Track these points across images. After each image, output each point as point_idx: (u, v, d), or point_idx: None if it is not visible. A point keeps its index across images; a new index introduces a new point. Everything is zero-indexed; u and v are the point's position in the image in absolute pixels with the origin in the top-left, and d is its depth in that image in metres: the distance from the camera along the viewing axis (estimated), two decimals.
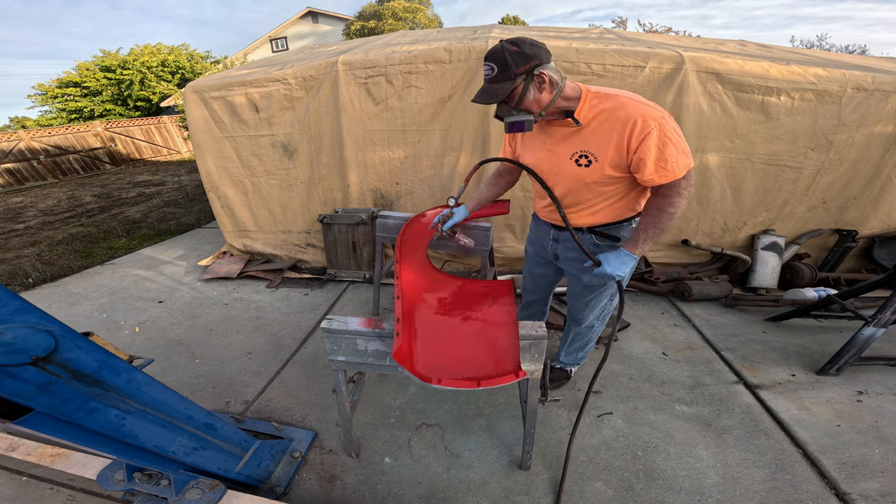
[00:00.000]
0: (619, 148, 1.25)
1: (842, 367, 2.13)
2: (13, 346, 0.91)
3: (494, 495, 1.61)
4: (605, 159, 1.29)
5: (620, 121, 1.22)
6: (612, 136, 1.25)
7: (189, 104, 3.16)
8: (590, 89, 1.30)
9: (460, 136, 2.89)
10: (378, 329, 1.39)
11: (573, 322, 1.90)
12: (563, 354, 2.09)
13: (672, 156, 1.21)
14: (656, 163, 1.22)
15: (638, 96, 1.27)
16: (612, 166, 1.29)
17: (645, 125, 1.19)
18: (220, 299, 3.22)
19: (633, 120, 1.20)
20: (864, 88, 2.47)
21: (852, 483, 1.59)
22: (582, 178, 1.36)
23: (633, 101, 1.24)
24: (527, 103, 1.25)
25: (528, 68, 1.20)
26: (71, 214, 6.45)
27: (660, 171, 1.23)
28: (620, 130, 1.23)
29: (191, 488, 1.38)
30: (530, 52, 1.19)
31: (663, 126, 1.19)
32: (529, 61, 1.19)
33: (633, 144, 1.22)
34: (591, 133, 1.29)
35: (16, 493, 1.65)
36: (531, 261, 1.92)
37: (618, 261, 1.40)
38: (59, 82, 14.26)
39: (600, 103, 1.27)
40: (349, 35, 19.07)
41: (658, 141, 1.19)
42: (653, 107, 1.23)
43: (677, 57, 2.49)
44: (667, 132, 1.20)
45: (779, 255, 2.94)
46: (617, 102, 1.24)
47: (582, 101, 1.28)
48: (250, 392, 2.19)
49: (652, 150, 1.20)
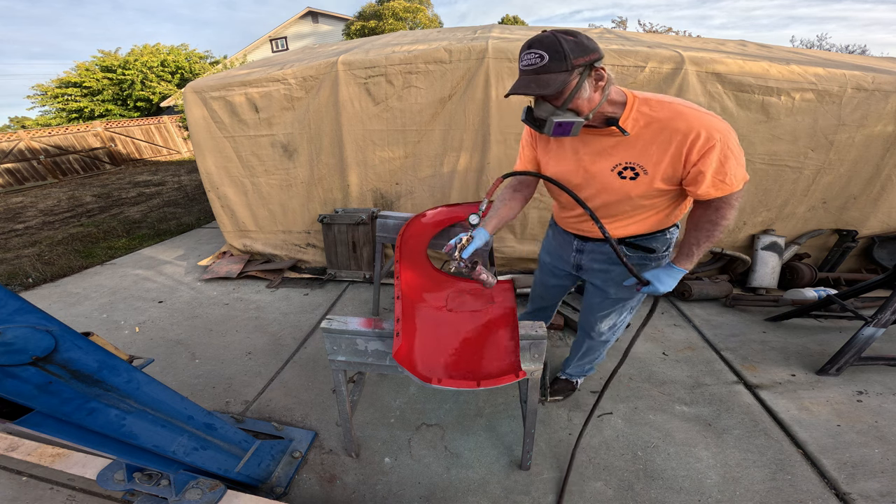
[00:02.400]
0: (674, 160, 1.14)
1: (842, 367, 2.13)
2: (13, 346, 0.91)
3: (494, 495, 1.61)
4: (657, 172, 1.18)
5: (680, 132, 1.11)
6: (667, 148, 1.14)
7: (189, 104, 3.16)
8: (637, 95, 1.17)
9: (460, 136, 2.89)
10: (378, 329, 1.39)
11: (586, 335, 1.81)
12: (571, 366, 2.01)
13: (732, 169, 1.12)
14: (714, 176, 1.13)
15: (695, 105, 1.16)
16: (664, 179, 1.19)
17: (709, 138, 1.09)
18: (220, 299, 3.22)
19: (696, 131, 1.09)
20: (865, 88, 2.47)
21: (852, 483, 1.59)
22: (626, 191, 1.24)
23: (693, 110, 1.13)
24: (578, 102, 1.09)
25: (589, 60, 1.04)
26: (71, 214, 6.45)
27: (717, 185, 1.15)
28: (680, 142, 1.11)
29: (191, 488, 1.38)
30: (590, 45, 1.04)
31: (727, 139, 1.10)
32: (590, 53, 1.04)
33: (692, 157, 1.12)
34: (641, 144, 1.17)
35: (16, 493, 1.65)
36: (546, 271, 1.81)
37: (669, 278, 1.31)
38: (58, 82, 14.26)
39: (651, 111, 1.15)
40: (349, 35, 19.07)
41: (721, 154, 1.10)
42: (716, 118, 1.13)
43: (677, 57, 2.49)
44: (730, 145, 1.11)
45: (779, 255, 2.94)
46: (673, 111, 1.12)
47: (628, 107, 1.16)
48: (250, 392, 2.19)
49: (713, 164, 1.11)
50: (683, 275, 1.33)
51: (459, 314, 1.55)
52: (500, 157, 2.87)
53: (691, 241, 1.29)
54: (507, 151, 2.85)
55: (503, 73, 2.64)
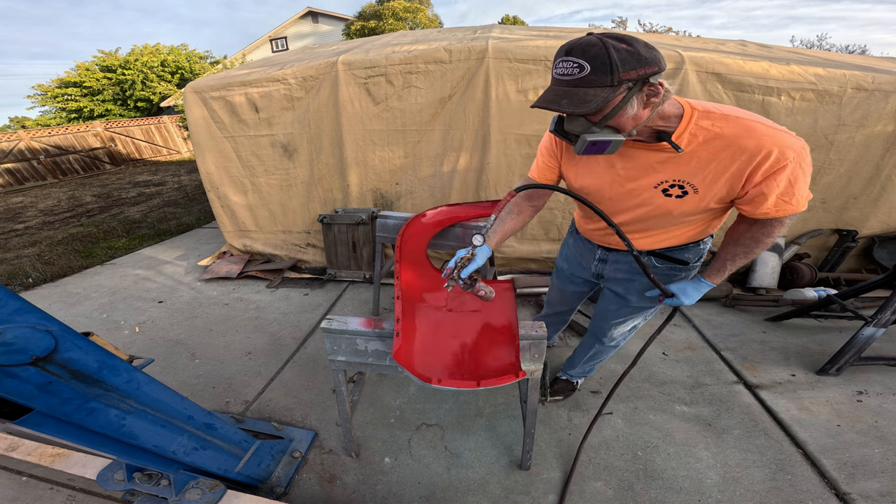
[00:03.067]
0: (734, 180, 1.02)
1: (842, 367, 2.13)
2: (13, 346, 0.91)
3: (494, 495, 1.61)
4: (710, 192, 1.06)
5: (748, 150, 0.97)
6: (728, 167, 1.01)
7: (189, 104, 3.16)
8: (696, 107, 1.02)
9: (460, 136, 2.89)
10: (378, 329, 1.39)
11: (596, 340, 1.76)
12: (575, 366, 1.99)
13: (800, 190, 1.01)
14: (780, 197, 1.01)
15: (766, 120, 1.01)
16: (716, 199, 1.07)
17: (782, 157, 0.96)
18: (220, 299, 3.22)
19: (767, 150, 0.96)
20: (865, 88, 2.47)
21: (852, 483, 1.59)
22: (668, 209, 1.14)
23: (765, 126, 0.98)
24: (621, 119, 0.95)
25: (642, 75, 0.88)
26: (71, 214, 6.45)
27: (780, 206, 1.03)
28: (745, 161, 0.98)
29: (191, 488, 1.38)
30: (648, 56, 0.88)
31: (801, 158, 0.98)
32: (646, 66, 0.87)
33: (757, 178, 1.00)
34: (696, 161, 1.04)
35: (16, 493, 1.65)
36: (564, 278, 1.75)
37: (696, 292, 1.25)
38: (59, 82, 14.26)
39: (713, 126, 1.00)
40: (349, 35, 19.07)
41: (791, 175, 0.98)
42: (791, 134, 0.99)
43: (677, 57, 2.49)
44: (803, 165, 0.99)
45: (779, 255, 2.94)
46: (742, 127, 0.98)
47: (685, 121, 1.01)
48: (250, 392, 2.19)
49: (781, 185, 0.99)
50: (708, 287, 1.26)
51: (459, 314, 1.55)
52: (500, 157, 2.87)
53: (726, 257, 1.19)
54: (507, 151, 2.85)
55: (503, 73, 2.64)
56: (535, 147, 2.81)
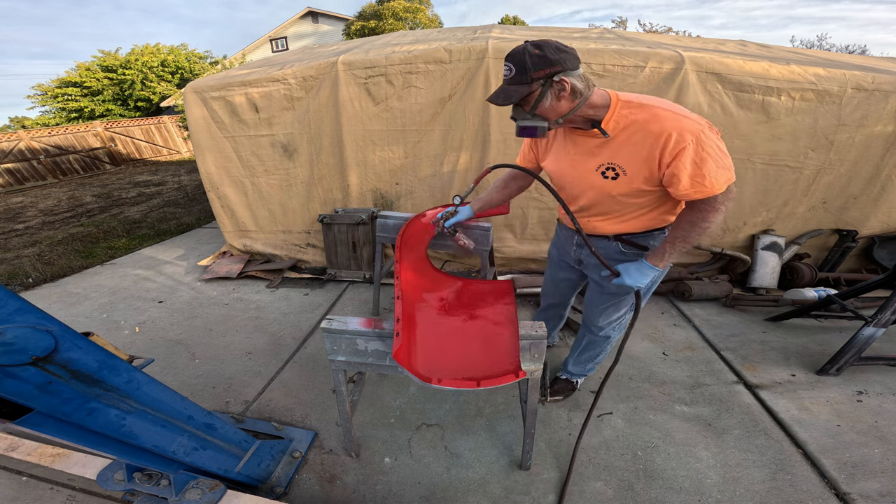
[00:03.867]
0: (650, 162, 1.17)
1: (842, 367, 2.13)
2: (13, 346, 0.91)
3: (494, 495, 1.61)
4: (635, 173, 1.21)
5: (653, 134, 1.13)
6: (643, 150, 1.17)
7: (189, 104, 3.16)
8: (620, 97, 1.20)
9: (460, 136, 2.89)
10: (378, 329, 1.39)
11: (587, 329, 1.84)
12: (571, 363, 2.01)
13: (711, 171, 1.12)
14: (692, 178, 1.13)
15: (676, 106, 1.17)
16: (643, 180, 1.22)
17: (681, 139, 1.10)
18: (220, 299, 3.23)
19: (668, 133, 1.11)
20: (865, 88, 2.47)
21: (852, 483, 1.59)
22: (608, 190, 1.30)
23: (670, 111, 1.14)
24: (542, 110, 1.18)
25: (548, 73, 1.11)
26: (71, 214, 6.45)
27: (696, 187, 1.14)
28: (652, 144, 1.14)
29: (191, 488, 1.38)
30: (553, 57, 1.11)
31: (701, 140, 1.10)
32: (550, 66, 1.11)
33: (665, 159, 1.14)
34: (620, 145, 1.21)
35: (16, 493, 1.65)
36: (554, 264, 1.87)
37: (638, 273, 1.34)
38: (59, 82, 14.26)
39: (631, 113, 1.18)
40: (349, 35, 19.07)
41: (695, 156, 1.10)
42: (692, 119, 1.13)
43: (677, 57, 2.49)
44: (705, 147, 1.10)
45: (779, 255, 2.94)
46: (651, 114, 1.15)
47: (611, 110, 1.19)
48: (250, 392, 2.19)
49: (687, 166, 1.12)
50: (656, 272, 1.34)
51: (459, 314, 1.55)
52: (500, 156, 2.87)
53: (668, 240, 1.30)
54: (507, 151, 2.85)
55: (503, 73, 2.64)
56: None
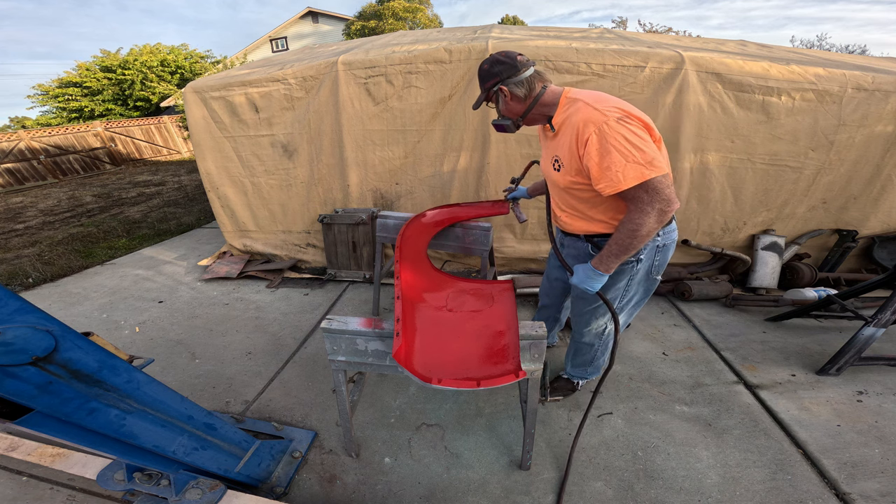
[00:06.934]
0: (573, 153, 1.23)
1: (842, 367, 2.13)
2: (13, 346, 0.91)
3: (494, 495, 1.61)
4: (569, 165, 1.28)
5: (573, 126, 1.20)
6: (570, 141, 1.23)
7: (189, 104, 3.16)
8: (568, 94, 1.29)
9: (460, 136, 2.89)
10: (378, 329, 1.39)
11: (572, 335, 1.89)
12: (569, 365, 2.03)
13: (616, 164, 1.10)
14: (599, 169, 1.14)
15: (601, 98, 1.20)
16: (575, 171, 1.28)
17: (585, 129, 1.15)
18: (220, 299, 3.22)
19: (580, 125, 1.17)
20: (865, 88, 2.47)
21: (852, 483, 1.59)
22: (558, 182, 1.39)
23: (587, 104, 1.18)
24: (503, 111, 1.39)
25: (491, 84, 1.33)
26: (71, 214, 6.45)
27: (605, 181, 1.14)
28: (572, 135, 1.21)
29: (191, 488, 1.38)
30: (494, 70, 1.31)
31: (603, 131, 1.11)
32: (491, 78, 1.32)
33: (579, 150, 1.19)
34: (560, 138, 1.31)
35: (16, 493, 1.65)
36: (550, 263, 1.93)
37: (584, 274, 1.36)
38: (59, 82, 14.26)
39: (568, 108, 1.26)
40: (349, 35, 19.08)
41: (599, 147, 1.12)
42: (600, 110, 1.13)
43: (677, 57, 2.49)
44: (607, 138, 1.10)
45: (779, 255, 2.94)
46: (576, 107, 1.22)
47: (559, 107, 1.30)
48: (250, 392, 2.19)
49: (594, 157, 1.14)
50: (600, 276, 1.32)
51: (459, 314, 1.55)
52: (500, 156, 2.87)
53: (607, 243, 1.29)
54: (508, 151, 2.85)
55: None
56: (535, 147, 2.82)
